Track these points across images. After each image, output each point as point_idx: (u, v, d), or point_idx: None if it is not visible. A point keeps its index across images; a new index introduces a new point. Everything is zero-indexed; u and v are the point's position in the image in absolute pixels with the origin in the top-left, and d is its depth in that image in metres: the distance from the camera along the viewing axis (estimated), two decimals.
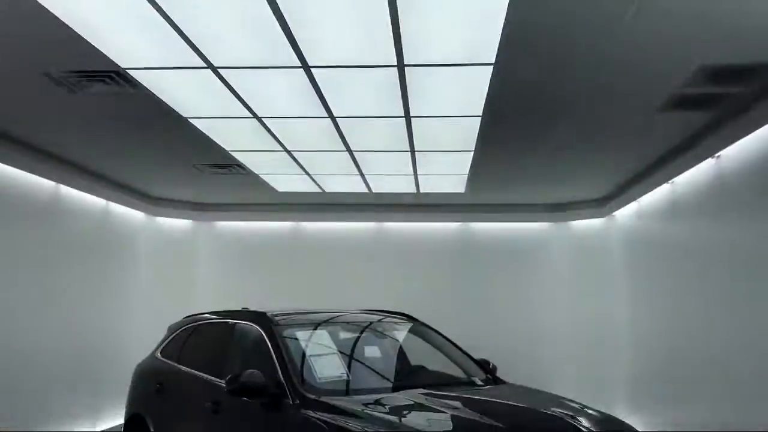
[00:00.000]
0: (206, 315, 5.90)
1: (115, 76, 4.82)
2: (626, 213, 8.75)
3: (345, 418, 3.83)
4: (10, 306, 6.77)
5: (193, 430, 4.97)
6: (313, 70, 4.68)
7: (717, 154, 5.95)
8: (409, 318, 5.78)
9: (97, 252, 8.62)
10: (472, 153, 6.87)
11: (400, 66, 4.60)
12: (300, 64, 4.58)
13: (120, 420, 6.87)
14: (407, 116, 5.69)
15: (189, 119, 5.88)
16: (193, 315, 6.15)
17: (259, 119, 5.84)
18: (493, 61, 4.47)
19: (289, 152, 6.98)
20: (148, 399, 5.69)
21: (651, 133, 6.19)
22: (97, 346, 8.51)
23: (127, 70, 4.73)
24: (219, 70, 4.71)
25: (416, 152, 6.90)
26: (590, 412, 4.33)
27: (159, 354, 6.03)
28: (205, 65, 4.62)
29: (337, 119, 5.80)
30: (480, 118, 5.69)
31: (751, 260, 5.32)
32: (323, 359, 4.79)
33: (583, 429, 3.91)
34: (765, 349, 5.13)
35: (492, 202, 10.04)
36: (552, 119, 5.80)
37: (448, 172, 7.92)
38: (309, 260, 10.46)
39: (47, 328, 7.40)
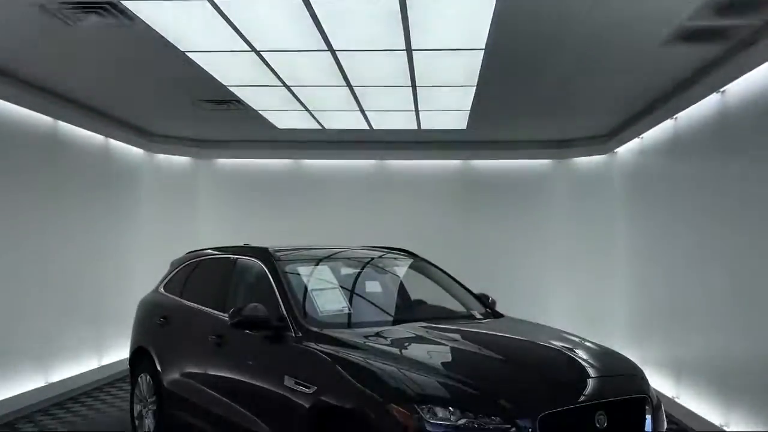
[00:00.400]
0: (208, 251, 5.94)
1: (110, 7, 4.71)
2: (628, 150, 8.70)
3: (347, 350, 3.90)
4: (13, 246, 6.80)
5: (197, 363, 5.06)
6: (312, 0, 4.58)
7: (722, 89, 5.87)
8: (410, 254, 5.83)
9: (98, 189, 8.61)
10: (475, 88, 6.78)
11: None
12: None
13: (125, 354, 7.00)
14: (408, 49, 5.59)
15: (187, 53, 5.78)
16: (195, 251, 6.19)
17: (258, 53, 5.74)
18: None
19: (288, 87, 6.89)
20: (152, 333, 5.78)
21: (655, 68, 6.09)
22: (100, 282, 8.60)
23: (122, 1, 4.62)
24: (216, 0, 4.60)
25: (417, 87, 6.82)
26: (588, 344, 4.41)
27: (162, 289, 6.09)
28: None
29: (336, 53, 5.71)
30: (482, 51, 5.59)
31: (755, 197, 5.31)
32: (325, 293, 4.85)
33: (580, 361, 3.99)
34: (766, 287, 5.17)
35: (494, 139, 9.97)
36: (555, 53, 5.70)
37: (450, 108, 7.84)
38: (310, 198, 10.46)
39: (50, 265, 7.45)
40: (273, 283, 4.63)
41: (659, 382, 7.04)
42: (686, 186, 6.71)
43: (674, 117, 6.96)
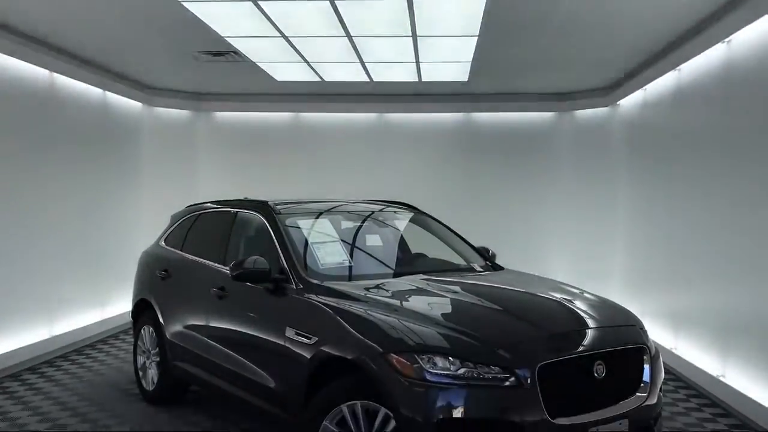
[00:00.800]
0: (208, 204, 5.93)
1: None
2: (631, 102, 8.61)
3: (348, 302, 3.92)
4: (12, 201, 6.79)
5: (198, 315, 5.10)
6: None
7: (727, 39, 5.77)
8: (410, 207, 5.83)
9: (97, 143, 8.56)
10: (476, 38, 6.68)
11: None
12: None
13: (127, 307, 7.05)
14: None
15: (184, 3, 5.67)
16: (194, 204, 6.18)
17: (256, 2, 5.64)
18: None
19: (286, 38, 6.79)
20: (154, 285, 5.81)
21: (658, 16, 5.98)
22: (101, 236, 8.62)
23: None
24: None
25: (418, 38, 6.71)
26: (588, 296, 4.43)
27: (163, 242, 6.11)
28: None
29: (335, 1, 5.60)
30: None
31: (760, 151, 5.26)
32: (325, 246, 4.85)
33: (579, 312, 4.01)
34: (764, 241, 5.17)
35: (495, 91, 9.86)
36: (557, 1, 5.59)
37: (451, 59, 7.73)
38: (309, 152, 10.41)
39: (50, 220, 7.46)
40: (273, 236, 4.64)
41: (658, 334, 7.11)
42: (689, 139, 6.66)
43: (678, 68, 6.87)
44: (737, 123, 5.65)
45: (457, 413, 3.18)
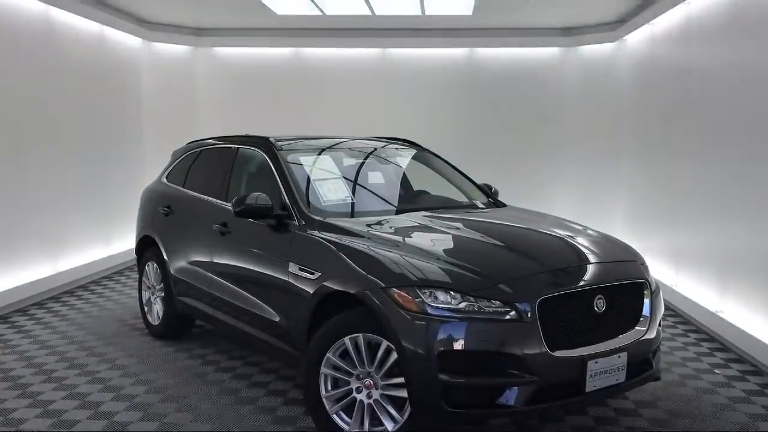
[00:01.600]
0: (209, 140, 5.90)
1: None
2: (638, 38, 8.45)
3: (350, 238, 3.93)
4: (11, 139, 6.75)
5: (202, 251, 5.12)
6: None
7: None
8: (413, 144, 5.79)
9: (96, 79, 8.46)
10: None
11: None
12: None
13: (130, 244, 7.10)
14: None
15: None
16: (195, 141, 6.14)
17: None
18: None
19: None
20: (156, 222, 5.83)
21: None
22: (103, 172, 8.61)
23: None
24: None
25: None
26: (589, 232, 4.44)
27: (165, 179, 6.09)
28: None
29: None
30: None
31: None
32: (327, 183, 4.83)
33: (581, 247, 4.02)
34: (765, 178, 5.15)
35: (500, 26, 9.68)
36: None
37: None
38: (311, 88, 10.28)
39: (50, 157, 7.44)
40: (275, 172, 4.62)
41: (658, 271, 7.16)
42: (697, 76, 6.55)
43: (686, 1, 6.71)
44: (746, 60, 5.55)
45: (458, 346, 3.23)
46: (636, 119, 8.51)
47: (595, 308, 3.52)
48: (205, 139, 6.02)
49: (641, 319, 3.77)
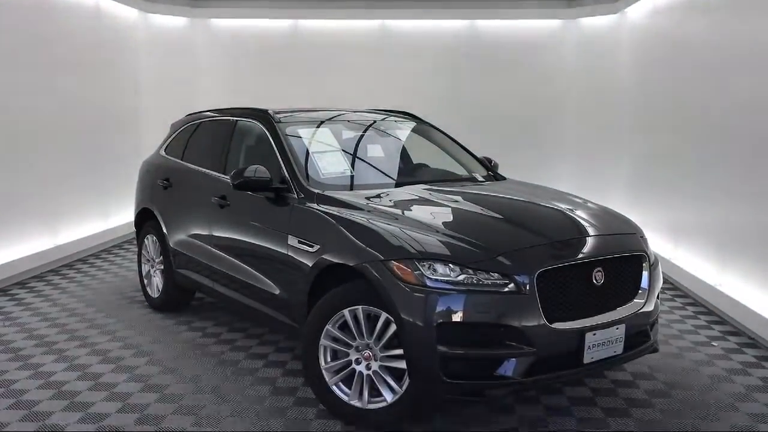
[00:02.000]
0: (207, 113, 5.86)
1: None
2: (640, 10, 8.37)
3: (349, 211, 3.93)
4: (10, 114, 6.71)
5: (201, 224, 5.12)
6: None
7: None
8: (413, 117, 5.76)
9: (92, 51, 8.39)
10: None
11: None
12: None
13: (129, 217, 7.10)
14: None
15: None
16: (194, 113, 6.11)
17: None
18: None
19: None
20: (155, 194, 5.81)
21: None
22: (102, 146, 8.58)
23: None
24: None
25: None
26: (589, 205, 4.43)
27: (163, 151, 6.07)
28: None
29: None
30: None
31: None
32: (326, 156, 4.81)
33: (580, 220, 4.02)
34: (765, 152, 5.13)
35: None
36: None
37: None
38: (310, 60, 10.20)
39: (48, 129, 7.40)
40: (274, 145, 4.60)
41: (658, 245, 7.16)
42: (699, 48, 6.50)
43: None
44: (750, 31, 5.49)
45: (457, 318, 3.24)
46: (637, 92, 8.45)
47: (594, 281, 3.53)
48: (203, 112, 5.99)
49: (640, 291, 3.78)
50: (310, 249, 3.90)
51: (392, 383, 3.52)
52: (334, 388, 3.67)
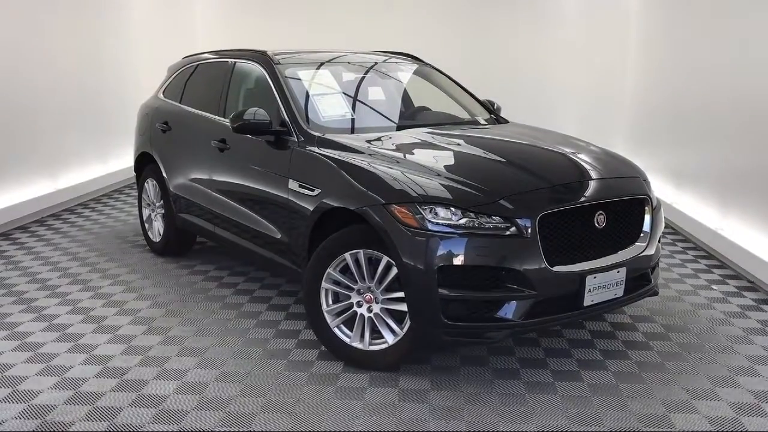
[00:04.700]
0: (205, 55, 5.76)
1: None
2: None
3: (350, 154, 3.89)
4: (6, 60, 6.60)
5: (200, 168, 5.08)
6: None
7: None
8: (414, 59, 5.66)
9: None
10: None
11: None
12: None
13: (128, 161, 7.06)
14: None
15: None
16: (191, 55, 6.00)
17: None
18: None
19: None
20: (154, 138, 5.76)
21: None
22: (100, 89, 8.48)
23: None
24: None
25: None
26: (592, 148, 4.39)
27: (161, 94, 5.99)
28: None
29: None
30: None
31: None
32: (327, 98, 4.75)
33: (582, 163, 3.98)
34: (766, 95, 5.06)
35: None
36: None
37: None
38: (311, 1, 10.00)
39: (48, 73, 7.30)
40: (273, 87, 4.53)
41: (659, 189, 7.12)
42: None
43: None
44: None
45: (458, 261, 3.23)
46: (640, 34, 8.29)
47: (596, 224, 3.51)
48: (201, 53, 5.89)
49: (641, 235, 3.77)
50: (311, 193, 3.88)
51: (393, 325, 3.54)
52: (336, 330, 3.69)
